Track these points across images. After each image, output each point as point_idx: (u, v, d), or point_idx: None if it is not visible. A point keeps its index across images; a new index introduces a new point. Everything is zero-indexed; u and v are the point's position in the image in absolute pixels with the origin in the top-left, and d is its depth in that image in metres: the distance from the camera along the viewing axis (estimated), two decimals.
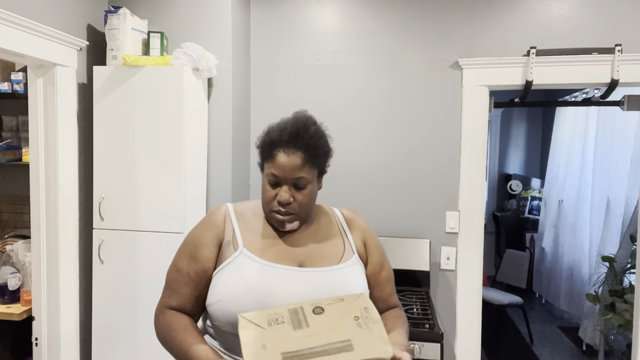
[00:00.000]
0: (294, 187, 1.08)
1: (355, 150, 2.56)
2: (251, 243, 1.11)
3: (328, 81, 2.57)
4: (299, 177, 1.07)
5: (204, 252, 1.10)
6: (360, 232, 1.22)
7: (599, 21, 2.33)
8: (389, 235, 2.53)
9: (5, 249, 2.30)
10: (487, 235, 5.55)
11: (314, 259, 1.11)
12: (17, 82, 2.38)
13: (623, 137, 3.61)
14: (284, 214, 1.09)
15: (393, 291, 1.23)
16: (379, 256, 1.21)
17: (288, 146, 1.06)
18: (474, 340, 2.46)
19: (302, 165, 1.06)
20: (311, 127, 1.10)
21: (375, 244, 1.22)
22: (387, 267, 1.23)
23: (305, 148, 1.07)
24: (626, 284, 3.31)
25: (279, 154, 1.07)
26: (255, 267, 1.06)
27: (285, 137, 1.07)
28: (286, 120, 1.12)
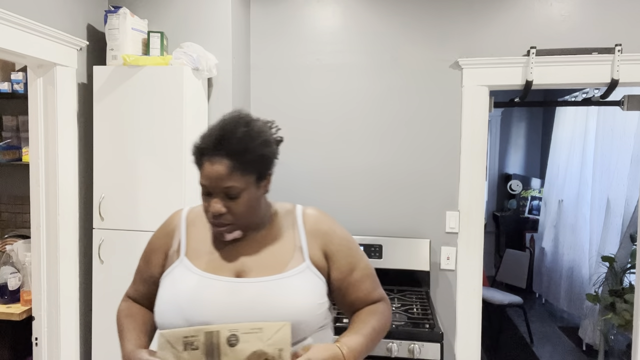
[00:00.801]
0: (226, 197, 0.99)
1: (355, 150, 2.56)
2: (194, 252, 1.07)
3: (328, 81, 2.57)
4: (228, 187, 0.98)
5: (153, 259, 1.12)
6: (320, 235, 1.10)
7: (599, 21, 2.33)
8: (389, 235, 2.53)
9: (5, 249, 2.30)
10: (487, 235, 5.54)
11: (256, 268, 1.03)
12: (17, 82, 2.38)
13: (623, 137, 3.61)
14: (219, 225, 1.02)
15: (373, 287, 1.14)
16: (347, 258, 1.10)
17: (213, 154, 0.97)
18: (474, 340, 2.46)
19: (229, 173, 0.97)
20: (239, 130, 0.99)
21: (340, 247, 1.10)
22: (362, 267, 1.12)
23: (231, 154, 0.97)
24: (626, 284, 3.31)
25: (205, 163, 0.98)
26: (189, 278, 1.02)
27: (210, 144, 0.98)
28: (215, 123, 1.03)
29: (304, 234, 1.09)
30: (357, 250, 1.14)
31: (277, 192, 2.63)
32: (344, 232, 1.14)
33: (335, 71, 2.56)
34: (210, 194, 1.00)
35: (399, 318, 2.01)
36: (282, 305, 0.97)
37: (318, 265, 1.07)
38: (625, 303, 3.07)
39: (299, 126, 2.61)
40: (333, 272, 1.09)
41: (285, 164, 2.62)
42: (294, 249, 1.07)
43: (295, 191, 2.61)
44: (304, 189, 2.60)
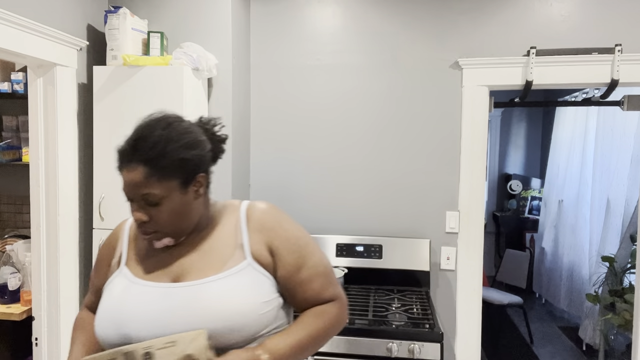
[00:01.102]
0: (146, 204, 0.94)
1: (354, 150, 2.56)
2: (135, 260, 1.04)
3: (328, 81, 2.57)
4: (145, 194, 0.93)
5: (100, 269, 1.11)
6: (264, 230, 1.03)
7: (599, 21, 2.33)
8: (389, 235, 2.53)
9: (5, 249, 2.30)
10: (487, 235, 5.55)
11: (194, 271, 0.98)
12: (17, 82, 2.38)
13: (623, 137, 3.61)
14: (144, 232, 0.98)
15: (324, 287, 1.05)
16: (293, 254, 1.03)
17: (128, 160, 0.93)
18: (474, 340, 2.46)
19: (144, 180, 0.92)
20: (156, 133, 0.93)
21: (286, 243, 1.03)
22: (310, 264, 1.04)
23: (146, 160, 0.92)
24: (626, 284, 3.31)
25: (122, 169, 0.94)
26: (123, 286, 0.99)
27: (125, 150, 0.93)
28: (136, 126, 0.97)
29: (245, 230, 1.03)
30: (307, 246, 1.06)
31: (277, 192, 2.64)
32: (293, 226, 1.07)
33: (335, 71, 2.56)
34: (130, 200, 0.96)
35: (399, 318, 2.01)
36: (219, 307, 0.91)
37: (262, 262, 1.01)
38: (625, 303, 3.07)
39: (299, 126, 2.61)
40: (279, 269, 1.02)
41: (285, 164, 2.63)
42: (235, 247, 1.01)
43: (295, 191, 2.61)
44: (304, 188, 2.61)
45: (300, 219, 2.61)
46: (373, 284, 2.45)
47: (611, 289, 3.32)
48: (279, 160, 2.63)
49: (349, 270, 2.41)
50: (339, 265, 2.44)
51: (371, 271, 2.45)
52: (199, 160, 0.98)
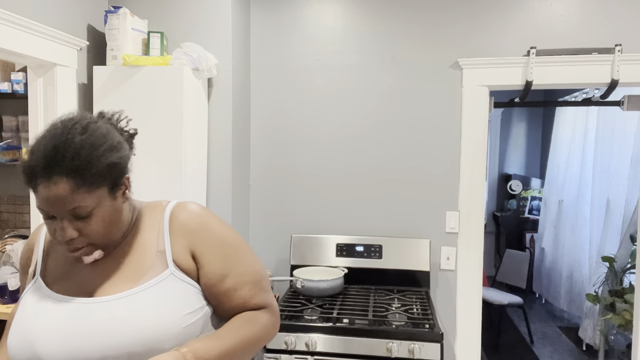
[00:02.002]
0: (74, 218, 0.84)
1: (354, 150, 2.56)
2: (51, 270, 0.94)
3: (328, 81, 2.57)
4: (74, 208, 0.82)
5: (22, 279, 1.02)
6: (187, 233, 0.94)
7: (599, 21, 2.33)
8: (389, 235, 2.53)
9: (5, 249, 2.30)
10: (487, 235, 5.55)
11: (111, 283, 0.89)
12: (17, 82, 2.38)
13: (623, 137, 3.61)
14: (74, 250, 0.87)
15: (252, 295, 0.98)
16: (218, 262, 0.95)
17: (46, 174, 0.79)
18: (474, 340, 2.46)
19: (71, 193, 0.81)
20: (76, 139, 0.82)
21: (211, 249, 0.95)
22: (237, 273, 0.96)
23: (70, 171, 0.80)
24: (626, 284, 3.31)
25: (39, 184, 0.80)
26: (35, 302, 0.89)
27: (41, 163, 0.80)
28: (43, 135, 0.84)
29: (167, 235, 0.94)
30: (235, 252, 0.97)
31: (277, 192, 2.64)
32: (220, 230, 0.98)
33: (335, 71, 2.56)
34: (54, 217, 0.84)
35: (399, 318, 2.01)
36: (136, 325, 0.83)
37: (185, 269, 0.93)
38: (625, 303, 3.07)
39: (299, 126, 2.61)
40: (202, 277, 0.94)
41: (285, 164, 2.63)
42: (155, 255, 0.92)
43: (295, 191, 2.61)
44: (304, 188, 2.61)
45: (300, 219, 2.61)
46: (373, 284, 2.45)
47: (611, 289, 3.32)
48: (279, 160, 2.63)
49: (349, 270, 2.41)
50: (339, 265, 2.44)
51: (371, 271, 2.45)
52: (125, 162, 0.92)
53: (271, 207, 2.64)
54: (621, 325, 3.04)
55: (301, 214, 2.61)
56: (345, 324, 1.94)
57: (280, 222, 2.63)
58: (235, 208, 2.39)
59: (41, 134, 0.84)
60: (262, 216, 2.65)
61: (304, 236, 2.52)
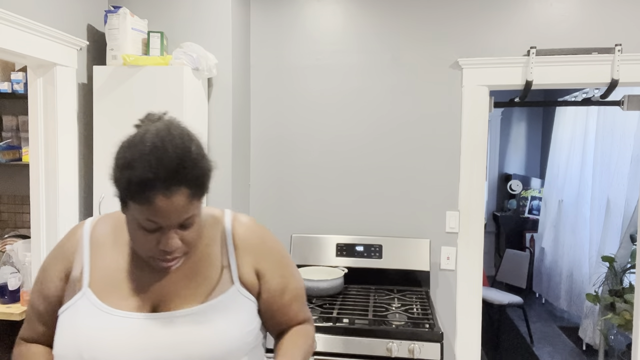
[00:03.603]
0: (181, 229, 0.83)
1: (354, 150, 2.56)
2: (100, 280, 0.88)
3: (328, 81, 2.57)
4: (187, 218, 0.81)
5: (50, 289, 0.91)
6: (251, 250, 0.95)
7: (599, 21, 2.33)
8: (389, 235, 2.53)
9: (5, 249, 2.30)
10: (487, 235, 5.56)
11: (177, 297, 0.87)
12: (17, 82, 2.38)
13: (623, 137, 3.61)
14: (172, 260, 0.84)
15: (300, 308, 1.02)
16: (279, 278, 0.97)
17: (167, 185, 0.76)
18: (474, 340, 2.46)
19: (189, 202, 0.79)
20: (192, 148, 0.80)
21: (272, 265, 0.97)
22: (292, 287, 0.99)
23: (190, 181, 0.78)
24: (626, 284, 3.31)
25: (157, 196, 0.76)
26: (92, 317, 0.84)
27: (162, 175, 0.75)
28: (152, 143, 0.77)
29: (232, 250, 0.94)
30: (289, 267, 1.01)
31: (277, 192, 2.64)
32: (277, 246, 1.00)
33: (335, 71, 2.56)
34: (158, 229, 0.81)
35: (399, 318, 2.01)
36: (206, 343, 0.83)
37: (248, 285, 0.94)
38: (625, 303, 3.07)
39: (299, 126, 2.61)
40: (263, 292, 0.95)
41: (285, 164, 2.63)
42: (222, 269, 0.91)
43: (295, 191, 2.61)
44: (304, 188, 2.61)
45: (300, 219, 2.61)
46: (373, 283, 2.45)
47: (611, 289, 3.32)
48: (279, 160, 2.63)
49: (349, 270, 2.41)
50: (339, 265, 2.44)
51: (371, 271, 2.45)
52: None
53: (271, 207, 2.64)
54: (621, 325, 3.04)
55: (301, 214, 2.61)
56: (345, 323, 1.94)
57: (280, 222, 2.63)
58: (235, 208, 2.39)
59: (140, 149, 0.76)
60: (262, 216, 2.65)
61: (304, 236, 2.52)
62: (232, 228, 0.96)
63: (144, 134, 0.79)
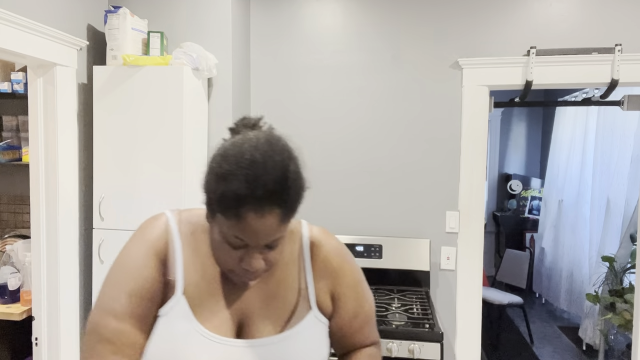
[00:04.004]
0: (267, 249, 0.79)
1: (354, 150, 2.56)
2: (194, 290, 0.83)
3: (328, 81, 2.57)
4: (275, 240, 0.77)
5: (147, 288, 0.82)
6: (329, 273, 0.91)
7: (599, 21, 2.33)
8: (389, 235, 2.53)
9: (5, 249, 2.30)
10: (487, 235, 5.56)
11: (258, 320, 0.85)
12: (17, 82, 2.38)
13: (623, 137, 3.61)
14: (253, 278, 0.81)
15: (370, 331, 0.99)
16: (354, 302, 0.93)
17: (262, 205, 0.71)
18: (474, 340, 2.46)
19: (279, 224, 0.75)
20: (291, 169, 0.75)
21: (348, 289, 0.93)
22: (365, 311, 0.95)
23: (284, 203, 0.73)
24: (626, 284, 3.31)
25: (249, 214, 0.71)
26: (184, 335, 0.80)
27: (258, 193, 0.71)
28: (251, 156, 0.72)
29: (310, 272, 0.90)
30: (364, 290, 0.96)
31: None
32: (353, 267, 0.96)
33: (335, 71, 2.56)
34: (244, 246, 0.77)
35: (399, 318, 2.01)
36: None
37: (324, 309, 0.91)
38: (625, 303, 3.07)
39: (299, 126, 2.61)
40: (337, 317, 0.93)
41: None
42: (299, 292, 0.88)
43: None
44: None
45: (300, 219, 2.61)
46: (373, 283, 2.45)
47: (611, 289, 3.32)
48: None
49: None
50: None
51: (371, 271, 2.45)
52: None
53: None
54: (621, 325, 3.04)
55: (301, 214, 2.60)
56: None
57: None
58: None
59: (237, 161, 0.72)
60: None
61: None
62: (310, 247, 0.92)
63: (242, 143, 0.75)
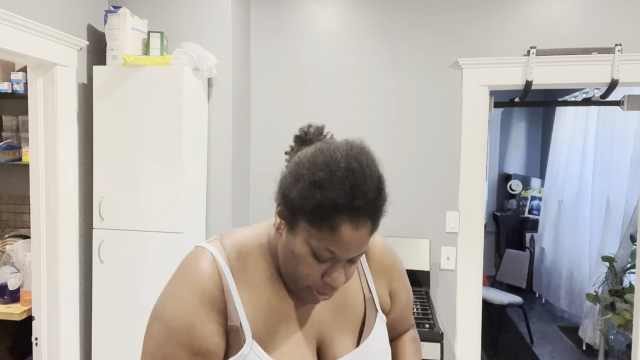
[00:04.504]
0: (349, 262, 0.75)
1: None
2: (261, 327, 0.76)
3: (328, 81, 2.57)
4: (362, 253, 0.74)
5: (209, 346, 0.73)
6: (384, 271, 0.91)
7: (599, 21, 2.33)
8: (389, 235, 2.53)
9: (5, 249, 2.30)
10: (487, 235, 5.55)
11: (335, 335, 0.81)
12: (17, 82, 2.38)
13: (623, 137, 3.61)
14: (330, 293, 0.76)
15: (411, 316, 1.04)
16: (405, 293, 0.96)
17: (359, 215, 0.68)
18: (474, 340, 2.46)
19: (368, 237, 0.72)
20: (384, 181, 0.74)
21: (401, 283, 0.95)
22: (411, 298, 1.00)
23: (376, 215, 0.72)
24: (626, 283, 3.31)
25: (345, 225, 0.68)
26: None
27: (358, 204, 0.68)
28: (347, 164, 0.70)
29: (370, 275, 0.89)
30: (407, 279, 0.99)
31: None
32: (400, 260, 0.98)
33: (335, 71, 2.56)
34: (330, 259, 0.72)
35: None
36: None
37: (384, 306, 0.90)
38: (625, 303, 3.07)
39: (299, 126, 2.60)
40: (393, 311, 0.94)
41: (285, 164, 2.62)
42: (364, 298, 0.87)
43: None
44: None
45: None
46: None
47: (611, 289, 3.32)
48: (279, 160, 2.62)
49: None
50: None
51: None
52: None
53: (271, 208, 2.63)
54: (621, 325, 3.04)
55: None
56: None
57: None
58: (235, 208, 2.39)
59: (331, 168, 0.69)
60: (262, 216, 2.65)
61: None
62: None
63: (333, 151, 0.73)
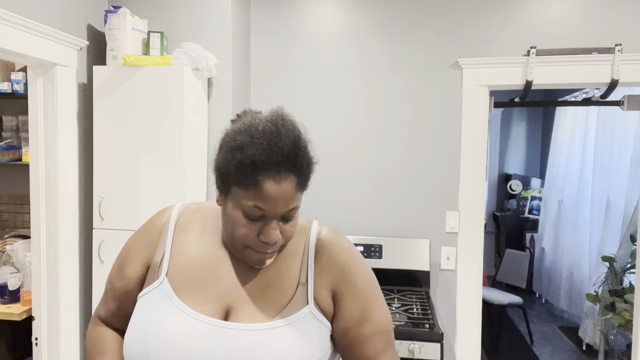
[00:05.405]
0: (283, 221, 0.80)
1: (355, 150, 2.56)
2: (179, 273, 0.85)
3: (328, 81, 2.57)
4: (291, 210, 0.78)
5: (129, 270, 0.90)
6: (333, 270, 0.87)
7: (599, 21, 2.33)
8: (389, 235, 2.53)
9: (5, 249, 2.30)
10: (487, 235, 5.56)
11: (247, 308, 0.82)
12: (17, 82, 2.38)
13: (623, 137, 3.61)
14: (269, 254, 0.82)
15: (384, 348, 0.88)
16: (359, 304, 0.87)
17: (279, 170, 0.74)
18: (474, 340, 2.46)
19: (295, 192, 0.77)
20: (302, 137, 0.80)
21: (354, 289, 0.87)
22: (375, 319, 0.87)
23: (299, 169, 0.77)
24: (626, 284, 3.31)
25: (267, 181, 0.74)
26: (165, 312, 0.81)
27: (275, 159, 0.74)
28: (264, 127, 0.76)
29: (312, 267, 0.87)
30: (374, 297, 0.89)
31: None
32: (362, 268, 0.90)
33: (335, 71, 2.56)
34: (262, 218, 0.78)
35: (399, 318, 2.01)
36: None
37: (323, 308, 0.86)
38: (625, 303, 3.07)
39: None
40: (338, 320, 0.87)
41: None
42: (296, 286, 0.85)
43: None
44: None
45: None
46: None
47: (611, 289, 3.32)
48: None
49: None
50: None
51: None
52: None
53: None
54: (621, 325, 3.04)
55: (300, 214, 2.61)
56: None
57: None
58: None
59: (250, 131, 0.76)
60: None
61: None
62: (317, 243, 0.89)
63: (253, 119, 0.79)
